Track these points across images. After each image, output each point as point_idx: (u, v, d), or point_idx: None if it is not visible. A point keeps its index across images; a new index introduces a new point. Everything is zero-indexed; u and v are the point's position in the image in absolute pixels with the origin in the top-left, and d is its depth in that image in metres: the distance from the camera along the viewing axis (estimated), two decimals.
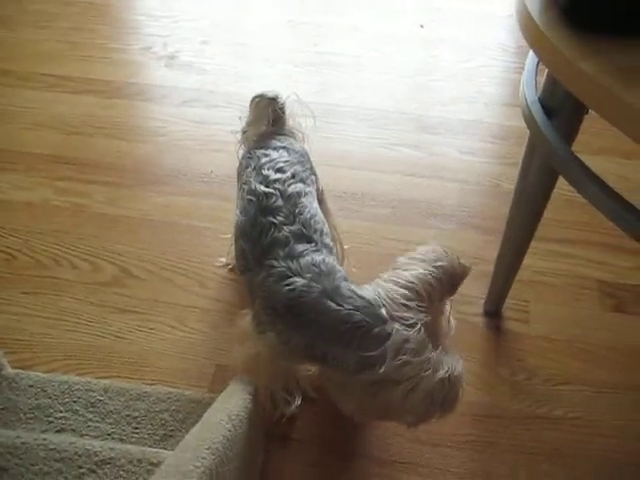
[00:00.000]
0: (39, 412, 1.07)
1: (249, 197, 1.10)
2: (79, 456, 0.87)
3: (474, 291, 1.43)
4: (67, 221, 1.59)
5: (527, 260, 1.31)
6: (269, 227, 1.04)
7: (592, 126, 1.00)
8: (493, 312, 1.41)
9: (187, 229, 1.58)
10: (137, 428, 1.06)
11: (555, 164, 0.99)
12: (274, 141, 1.23)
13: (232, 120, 1.86)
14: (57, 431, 1.05)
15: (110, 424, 1.06)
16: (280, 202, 1.08)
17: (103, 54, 2.14)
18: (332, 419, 1.22)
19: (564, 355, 1.35)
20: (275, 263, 1.00)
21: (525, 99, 1.05)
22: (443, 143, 1.80)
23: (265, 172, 1.13)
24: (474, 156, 1.80)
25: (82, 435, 1.04)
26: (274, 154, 1.18)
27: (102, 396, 1.11)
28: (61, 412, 1.07)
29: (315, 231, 1.06)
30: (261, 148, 1.20)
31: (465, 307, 1.41)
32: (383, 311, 0.93)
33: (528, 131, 1.05)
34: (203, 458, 0.74)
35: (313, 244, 1.04)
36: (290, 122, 1.32)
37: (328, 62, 2.13)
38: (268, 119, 1.26)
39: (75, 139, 1.82)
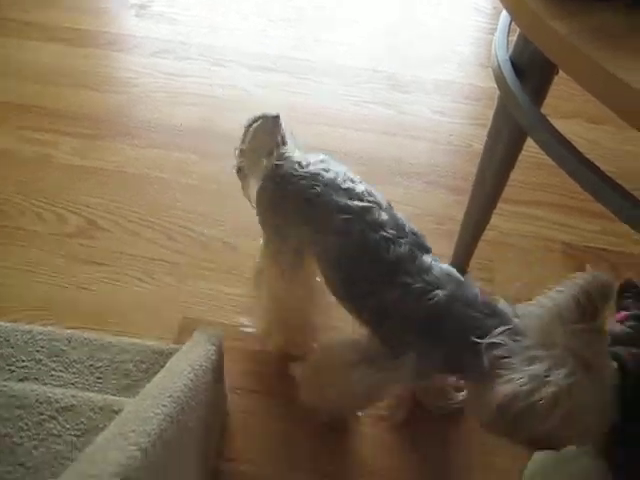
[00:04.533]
0: (1, 361, 1.06)
1: (344, 216, 0.97)
2: (40, 403, 0.87)
3: (441, 249, 1.44)
4: (33, 171, 1.57)
5: (494, 221, 1.32)
6: (385, 243, 0.95)
7: (563, 90, 1.01)
8: (458, 270, 1.42)
9: (156, 182, 1.56)
10: (100, 378, 1.06)
11: (523, 125, 0.99)
12: (305, 156, 1.07)
13: (203, 72, 1.86)
14: (19, 380, 1.04)
15: (73, 373, 1.06)
16: (383, 214, 0.98)
17: (73, 2, 2.08)
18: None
19: None
20: (410, 280, 0.92)
21: (496, 58, 1.05)
22: (415, 102, 1.80)
23: (344, 185, 1.00)
24: (446, 116, 1.80)
25: (45, 384, 1.04)
26: (331, 166, 1.04)
27: (66, 346, 1.10)
28: (24, 361, 1.06)
29: (421, 237, 1.00)
30: (301, 167, 1.03)
31: None
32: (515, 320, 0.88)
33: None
34: (164, 406, 0.74)
35: (430, 252, 0.99)
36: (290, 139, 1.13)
37: (303, 17, 2.10)
38: (277, 141, 1.08)
39: (42, 88, 1.78)
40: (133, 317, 1.31)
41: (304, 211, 1.02)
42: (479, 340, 0.86)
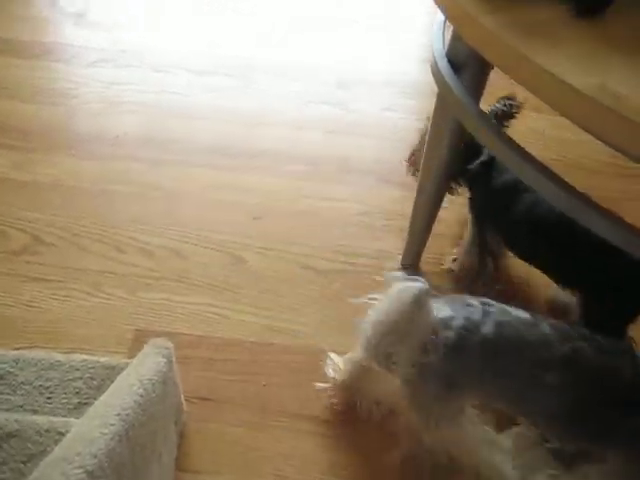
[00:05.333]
0: None
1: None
2: None
3: (392, 246, 1.45)
4: None
5: (442, 213, 1.33)
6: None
7: (504, 81, 1.01)
8: (410, 266, 1.43)
9: (99, 193, 1.53)
10: (50, 398, 1.04)
11: (462, 119, 1.00)
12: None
13: (144, 79, 1.83)
14: None
15: (21, 395, 1.03)
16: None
17: (4, 9, 2.03)
18: (252, 378, 1.23)
19: None
20: None
21: (433, 54, 1.05)
22: (361, 99, 1.80)
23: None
24: (392, 112, 1.81)
25: None
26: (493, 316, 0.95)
27: (13, 367, 1.07)
28: None
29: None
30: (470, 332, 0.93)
31: (382, 262, 1.43)
32: None
33: None
34: (112, 425, 0.72)
35: None
36: None
37: (247, 14, 2.09)
38: (431, 317, 0.93)
39: None
40: (84, 333, 1.28)
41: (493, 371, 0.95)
42: None
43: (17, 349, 1.22)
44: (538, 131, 1.75)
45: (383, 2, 2.20)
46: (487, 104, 1.22)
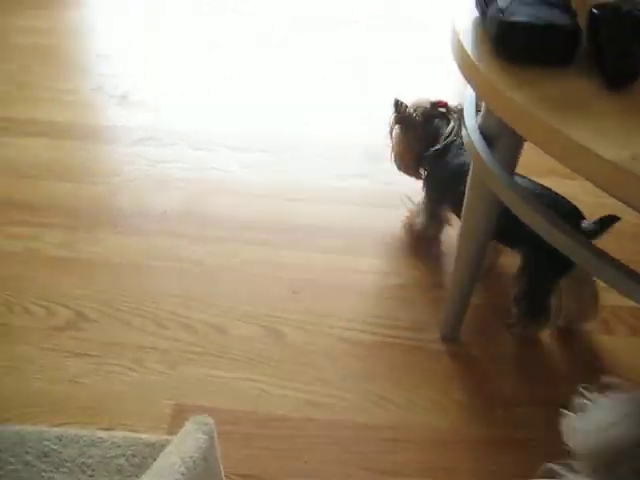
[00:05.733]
0: None
1: None
2: None
3: (430, 317, 1.44)
4: (20, 266, 1.57)
5: (481, 284, 1.33)
6: None
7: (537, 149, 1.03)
8: (450, 337, 1.42)
9: (142, 269, 1.57)
10: (92, 476, 1.04)
11: (496, 190, 1.01)
12: None
13: (185, 157, 1.89)
14: None
15: (64, 473, 1.04)
16: None
17: (52, 95, 2.14)
18: (293, 454, 1.21)
19: (519, 377, 1.36)
20: None
21: (467, 129, 1.07)
22: (393, 171, 1.82)
23: None
24: None
25: None
26: None
27: (56, 445, 1.08)
28: (12, 464, 1.03)
29: None
30: None
31: (421, 334, 1.42)
32: None
33: None
34: None
35: None
36: None
37: (279, 98, 2.15)
38: None
39: (26, 182, 1.81)
40: (125, 408, 1.29)
41: None
42: None
43: (60, 425, 1.23)
44: (572, 197, 1.74)
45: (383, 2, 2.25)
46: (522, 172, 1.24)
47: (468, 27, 0.95)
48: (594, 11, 0.87)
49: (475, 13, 0.96)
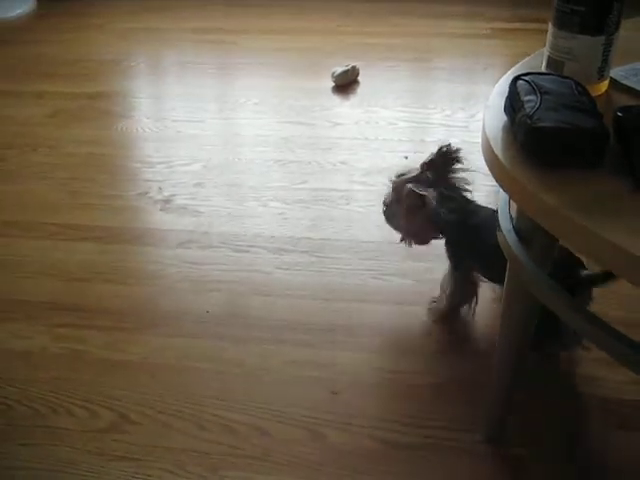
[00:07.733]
0: None
1: None
2: None
3: (469, 417, 1.42)
4: (65, 368, 1.61)
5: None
6: None
7: None
8: (495, 438, 1.39)
9: (184, 370, 1.59)
10: None
11: (533, 290, 1.02)
12: None
13: (226, 259, 1.94)
14: None
15: None
16: None
17: (101, 201, 2.24)
18: None
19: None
20: None
21: (501, 228, 1.10)
22: (433, 270, 1.84)
23: None
24: None
25: None
26: None
27: None
28: None
29: None
30: None
31: (461, 434, 1.40)
32: None
33: None
34: None
35: None
36: None
37: (318, 198, 2.21)
38: None
39: (73, 285, 1.87)
40: None
41: None
42: None
43: None
44: (610, 290, 1.73)
45: None
46: None
47: (498, 132, 0.99)
48: (619, 114, 0.90)
49: (504, 118, 1.00)
